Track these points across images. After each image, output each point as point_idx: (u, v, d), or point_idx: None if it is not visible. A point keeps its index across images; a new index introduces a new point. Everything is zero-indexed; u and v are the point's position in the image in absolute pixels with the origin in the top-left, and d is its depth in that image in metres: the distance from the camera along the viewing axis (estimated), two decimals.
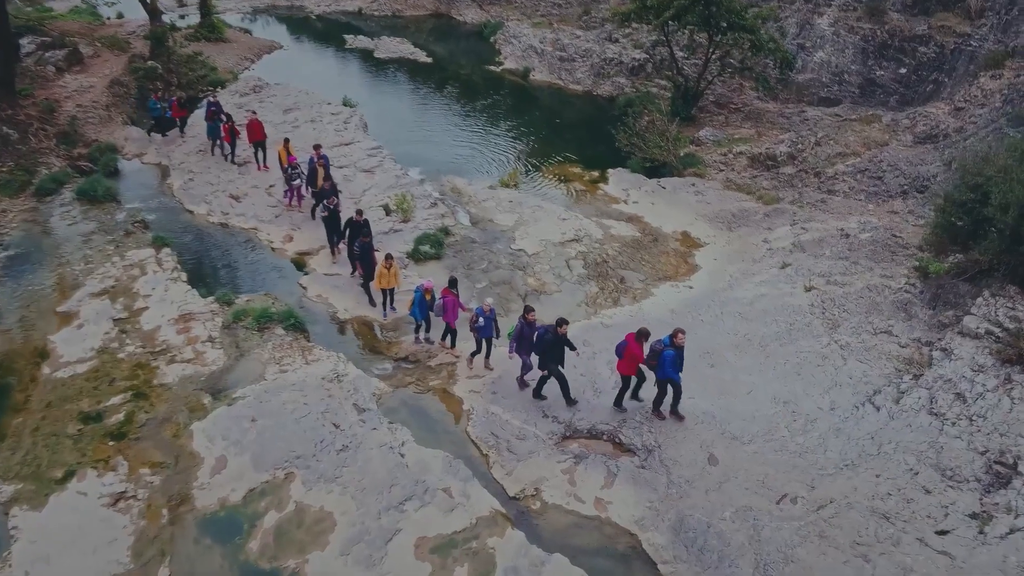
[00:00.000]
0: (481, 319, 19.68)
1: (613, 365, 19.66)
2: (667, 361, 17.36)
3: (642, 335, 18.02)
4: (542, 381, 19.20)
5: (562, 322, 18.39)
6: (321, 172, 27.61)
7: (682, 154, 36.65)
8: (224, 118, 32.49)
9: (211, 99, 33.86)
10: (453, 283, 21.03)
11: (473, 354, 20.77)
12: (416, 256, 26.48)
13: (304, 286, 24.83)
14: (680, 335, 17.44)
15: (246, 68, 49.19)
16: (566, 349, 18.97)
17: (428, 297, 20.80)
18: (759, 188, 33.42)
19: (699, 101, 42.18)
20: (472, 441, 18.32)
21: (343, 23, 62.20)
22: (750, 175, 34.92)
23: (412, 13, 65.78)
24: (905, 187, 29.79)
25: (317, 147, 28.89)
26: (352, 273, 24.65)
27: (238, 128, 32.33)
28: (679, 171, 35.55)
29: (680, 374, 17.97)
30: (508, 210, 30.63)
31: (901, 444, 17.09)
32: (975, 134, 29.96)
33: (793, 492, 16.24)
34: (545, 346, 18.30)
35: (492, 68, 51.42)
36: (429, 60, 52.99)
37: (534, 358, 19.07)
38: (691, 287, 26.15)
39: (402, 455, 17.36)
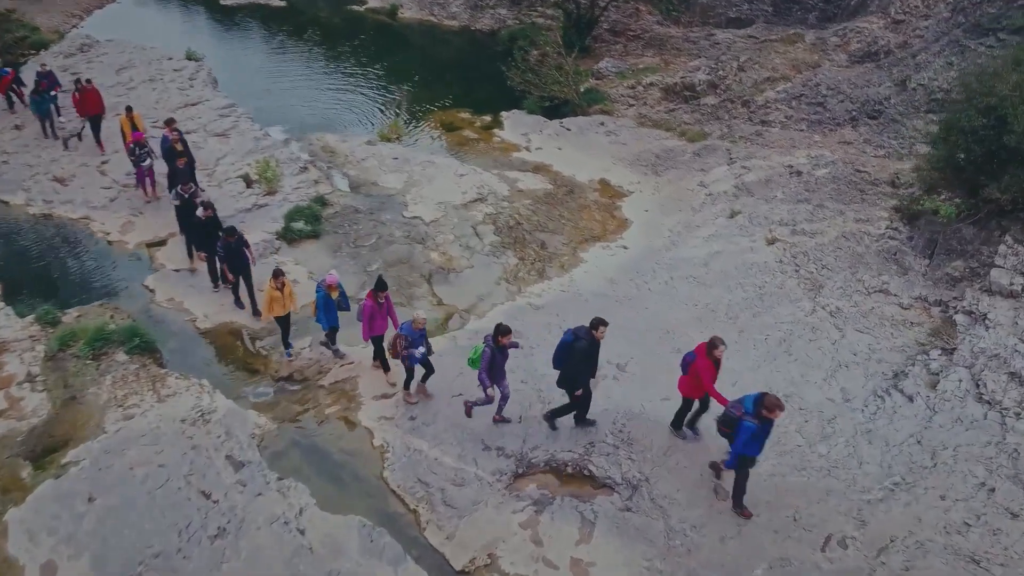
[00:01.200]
0: (418, 348, 14.50)
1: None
2: (746, 434, 11.68)
3: (713, 347, 13.15)
4: (571, 407, 14.38)
5: (599, 323, 13.37)
6: (180, 148, 21.94)
7: (583, 90, 32.17)
8: (55, 94, 26.17)
9: (40, 69, 27.07)
10: (382, 286, 15.24)
11: (407, 384, 15.50)
12: (289, 235, 21.55)
13: (151, 288, 19.59)
14: (776, 410, 11.43)
15: (73, 26, 42.30)
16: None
17: (334, 295, 16.02)
18: (679, 123, 29.37)
19: (593, 30, 37.64)
20: (393, 492, 13.59)
21: None
22: (666, 109, 30.81)
23: None
24: (854, 112, 26.05)
25: (170, 122, 22.99)
26: (217, 285, 19.36)
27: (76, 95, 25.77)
28: (583, 109, 31.21)
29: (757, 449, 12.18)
30: (394, 169, 25.72)
31: (960, 449, 13.17)
32: (926, 49, 26.44)
33: (839, 531, 12.14)
34: (577, 357, 13.43)
35: (355, 8, 46.02)
36: (283, 3, 47.12)
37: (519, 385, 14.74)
38: (626, 247, 22.00)
39: (301, 531, 12.55)
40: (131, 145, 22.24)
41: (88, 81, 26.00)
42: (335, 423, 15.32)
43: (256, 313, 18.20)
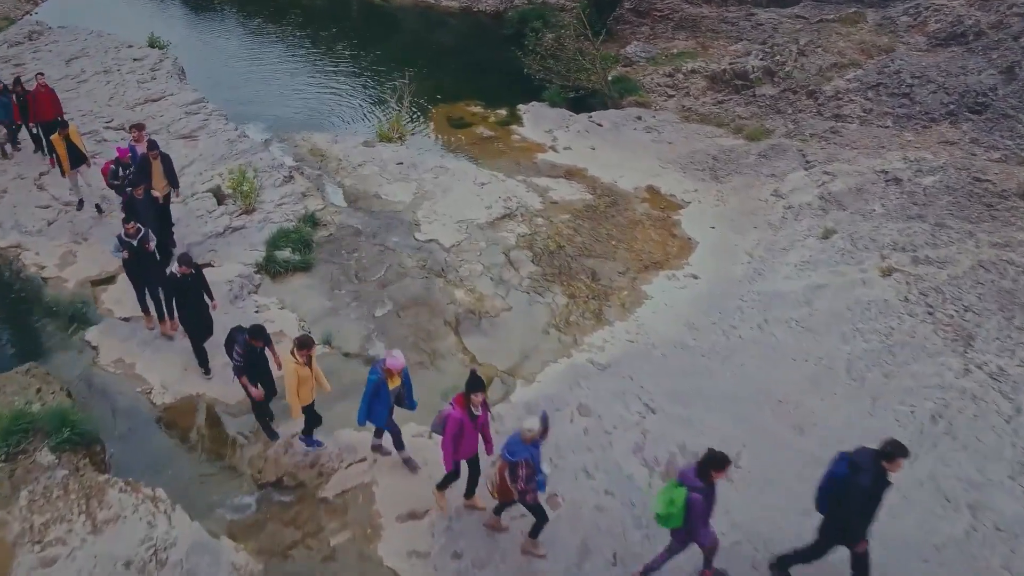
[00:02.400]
0: (542, 472, 9.63)
1: (643, 458, 10.83)
2: None
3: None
4: (814, 553, 9.69)
5: (896, 453, 8.80)
6: (158, 168, 16.96)
7: (611, 78, 27.52)
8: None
9: None
10: (476, 384, 9.85)
11: (534, 531, 10.35)
12: (272, 268, 16.95)
13: (94, 345, 14.84)
14: None
15: (27, 12, 37.66)
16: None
17: (394, 383, 11.02)
18: (733, 118, 24.92)
19: (615, 9, 32.94)
20: None
21: None
22: (713, 100, 26.30)
23: None
24: (951, 106, 21.59)
25: (139, 128, 17.85)
26: (209, 371, 14.18)
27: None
28: (615, 100, 26.75)
29: None
30: (399, 177, 21.14)
31: None
32: None
33: None
34: (855, 498, 8.90)
35: None
36: None
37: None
38: (696, 276, 17.50)
39: None
40: (111, 167, 17.00)
41: (40, 75, 20.86)
42: (345, 558, 10.66)
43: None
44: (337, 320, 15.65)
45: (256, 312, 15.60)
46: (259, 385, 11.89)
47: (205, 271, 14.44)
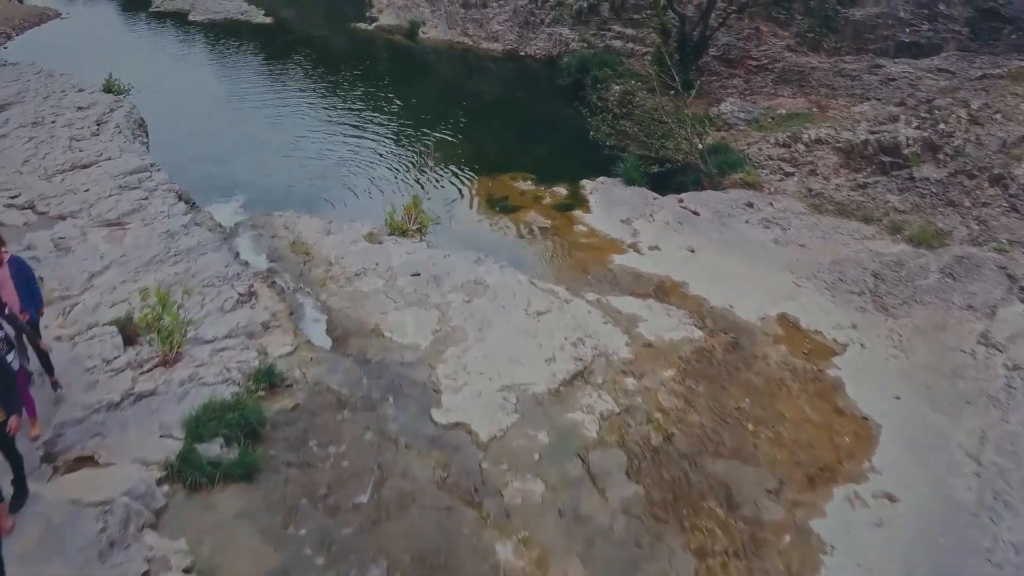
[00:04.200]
0: None
1: None
2: None
3: None
4: None
5: None
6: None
7: (701, 145, 20.45)
8: None
9: None
10: None
11: None
12: (188, 474, 9.62)
13: None
14: None
15: None
16: None
17: None
18: (885, 210, 17.88)
19: (700, 56, 25.94)
20: None
21: None
22: (850, 182, 19.15)
23: None
24: None
25: None
26: None
27: None
28: (713, 178, 19.57)
29: None
30: (413, 299, 14.09)
31: None
32: None
33: None
34: None
35: (361, 26, 34.73)
36: (268, 20, 36.40)
37: None
38: (892, 498, 10.61)
39: None
40: None
41: None
42: None
43: None
44: None
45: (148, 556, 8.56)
46: None
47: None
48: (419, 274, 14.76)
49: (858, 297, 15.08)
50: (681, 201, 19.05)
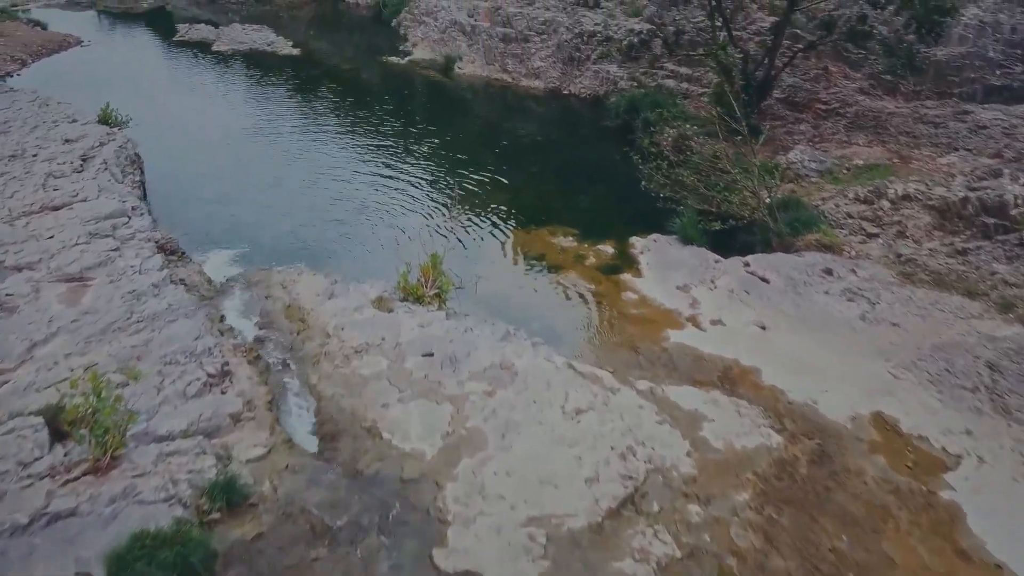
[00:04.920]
0: None
1: None
2: None
3: None
4: None
5: None
6: None
7: (770, 199, 17.65)
8: None
9: None
10: None
11: None
12: None
13: None
14: None
15: (8, 73, 31.07)
16: None
17: None
18: (993, 282, 15.02)
19: (764, 97, 23.25)
20: None
21: (187, 15, 43.00)
22: (947, 247, 16.28)
23: None
24: None
25: None
26: None
27: None
28: (784, 238, 16.62)
29: None
30: (422, 388, 11.47)
31: None
32: None
33: None
34: None
35: (394, 60, 32.25)
36: (295, 52, 34.14)
37: None
38: None
39: None
40: None
41: None
42: None
43: None
44: None
45: None
46: None
47: None
48: (432, 354, 12.04)
49: (971, 394, 12.17)
50: (747, 265, 16.25)
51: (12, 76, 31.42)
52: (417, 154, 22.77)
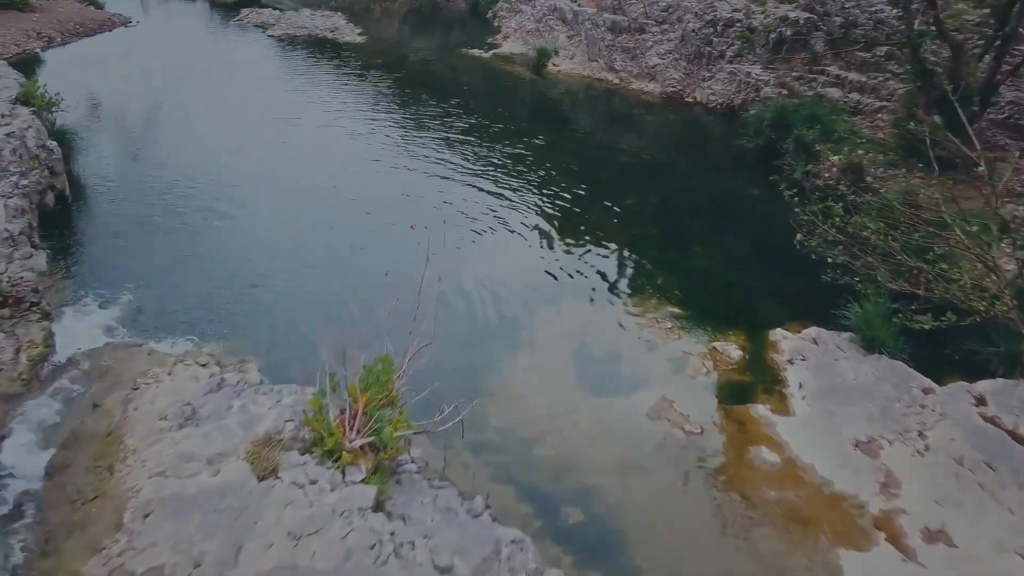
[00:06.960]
0: None
1: None
2: None
3: None
4: None
5: None
6: None
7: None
8: None
9: None
10: None
11: None
12: None
13: None
14: None
15: (23, 52, 25.88)
16: None
17: None
18: None
19: (979, 118, 15.78)
20: None
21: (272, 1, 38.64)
22: None
23: None
24: None
25: None
26: None
27: None
28: None
29: None
30: None
31: None
32: None
33: None
34: None
35: (475, 53, 26.07)
36: (360, 40, 28.35)
37: None
38: None
39: None
40: None
41: None
42: None
43: None
44: None
45: None
46: None
47: None
48: None
49: None
50: (981, 403, 8.79)
51: (36, 51, 26.99)
52: (482, 184, 15.91)
